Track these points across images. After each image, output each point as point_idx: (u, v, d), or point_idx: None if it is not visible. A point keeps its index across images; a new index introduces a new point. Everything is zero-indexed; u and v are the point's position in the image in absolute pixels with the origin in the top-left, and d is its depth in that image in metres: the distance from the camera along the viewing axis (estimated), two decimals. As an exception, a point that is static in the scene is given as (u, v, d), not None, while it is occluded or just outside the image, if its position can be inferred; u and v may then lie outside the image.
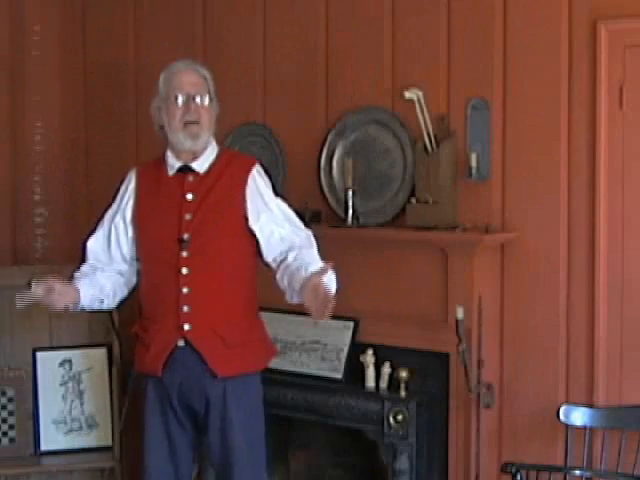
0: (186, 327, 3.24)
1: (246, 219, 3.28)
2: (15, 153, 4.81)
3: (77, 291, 3.30)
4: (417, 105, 3.67)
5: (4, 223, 4.77)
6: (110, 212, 3.44)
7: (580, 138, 3.53)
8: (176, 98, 3.25)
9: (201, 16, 4.44)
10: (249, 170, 3.32)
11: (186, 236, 3.25)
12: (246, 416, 3.31)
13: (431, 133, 3.71)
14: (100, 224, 3.45)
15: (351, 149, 3.96)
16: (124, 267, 3.42)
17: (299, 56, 4.14)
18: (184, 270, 3.24)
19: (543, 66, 3.58)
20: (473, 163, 3.66)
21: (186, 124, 3.25)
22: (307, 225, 3.88)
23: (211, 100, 3.30)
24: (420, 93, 3.67)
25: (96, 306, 3.40)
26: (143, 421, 3.40)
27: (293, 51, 4.16)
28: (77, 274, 3.39)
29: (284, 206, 3.35)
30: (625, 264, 3.48)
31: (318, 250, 3.26)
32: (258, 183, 3.32)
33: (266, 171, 3.44)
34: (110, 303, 3.43)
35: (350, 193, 3.85)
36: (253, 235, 3.29)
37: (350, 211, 3.85)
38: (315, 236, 3.32)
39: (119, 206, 3.42)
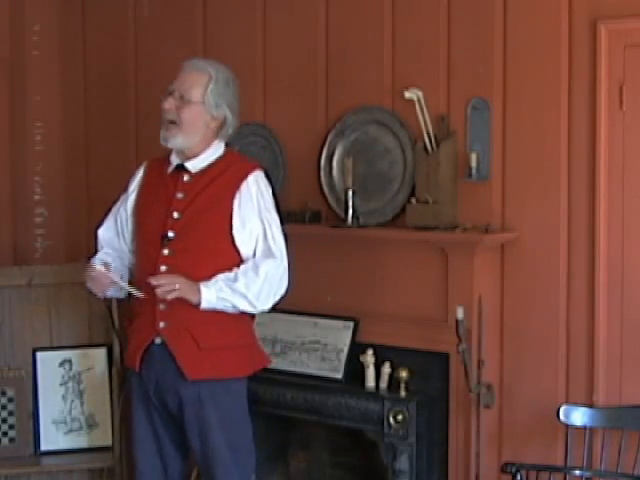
0: (161, 325, 3.24)
1: (231, 225, 3.25)
2: (15, 153, 4.81)
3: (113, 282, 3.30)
4: (417, 105, 3.67)
5: (4, 223, 4.77)
6: (118, 203, 3.48)
7: (580, 138, 3.53)
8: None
9: (201, 16, 4.43)
10: (245, 176, 3.29)
11: (171, 234, 3.25)
12: (225, 417, 3.28)
13: (431, 133, 3.71)
14: (110, 214, 3.49)
15: (351, 149, 3.96)
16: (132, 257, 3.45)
17: (299, 56, 4.14)
18: (162, 267, 3.24)
19: (543, 66, 3.58)
20: (473, 163, 3.66)
21: (164, 122, 3.28)
22: (307, 224, 3.90)
23: (203, 102, 3.26)
24: (420, 93, 3.67)
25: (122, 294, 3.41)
26: (131, 415, 3.41)
27: (293, 51, 4.16)
28: (108, 260, 3.36)
29: (274, 223, 3.30)
30: (625, 264, 3.47)
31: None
32: (251, 190, 3.28)
33: (270, 180, 3.41)
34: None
35: (350, 193, 3.85)
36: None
37: (350, 211, 3.85)
38: (292, 254, 3.32)
39: (125, 197, 3.46)
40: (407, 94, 3.67)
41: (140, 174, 3.45)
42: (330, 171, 4.03)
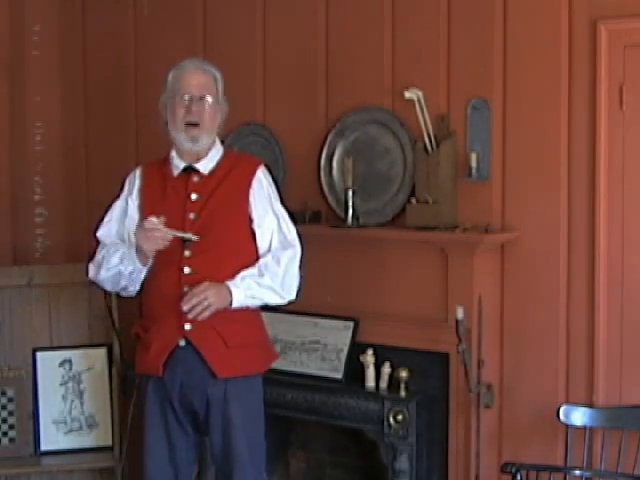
0: (187, 327, 3.24)
1: (251, 220, 3.31)
2: (15, 153, 4.81)
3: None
4: (417, 105, 3.68)
5: (4, 223, 4.77)
6: (119, 211, 3.43)
7: (580, 138, 3.53)
8: (180, 98, 3.28)
9: (201, 16, 4.44)
10: (254, 171, 3.35)
11: None
12: (247, 415, 3.32)
13: (431, 133, 3.72)
14: (108, 219, 3.44)
15: (351, 149, 3.96)
16: None
17: (299, 56, 4.14)
18: (186, 269, 3.25)
19: (543, 66, 3.58)
20: (473, 163, 3.66)
21: (187, 125, 3.27)
22: (307, 224, 3.89)
23: (218, 101, 3.32)
24: (420, 93, 3.67)
25: (139, 280, 3.35)
26: (143, 422, 3.40)
27: (293, 51, 4.16)
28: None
29: (284, 213, 3.37)
30: (625, 264, 3.48)
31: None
32: (263, 184, 3.35)
33: (271, 173, 3.45)
34: (137, 286, 3.39)
35: (350, 193, 3.85)
36: (255, 235, 3.31)
37: (350, 211, 3.85)
38: (302, 246, 3.35)
39: (127, 204, 3.42)
40: (407, 94, 3.67)
41: (137, 182, 3.43)
42: (330, 171, 4.04)
